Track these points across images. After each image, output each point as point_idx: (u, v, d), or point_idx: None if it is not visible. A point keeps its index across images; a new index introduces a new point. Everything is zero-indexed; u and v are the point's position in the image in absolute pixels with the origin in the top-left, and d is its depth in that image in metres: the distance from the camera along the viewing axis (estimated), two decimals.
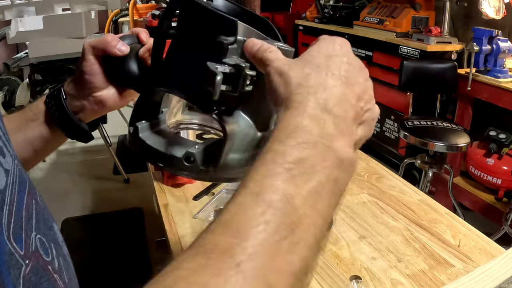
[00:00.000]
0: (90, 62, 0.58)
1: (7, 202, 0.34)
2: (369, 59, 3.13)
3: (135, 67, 0.55)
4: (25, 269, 0.32)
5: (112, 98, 0.59)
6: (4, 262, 0.30)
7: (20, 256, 0.32)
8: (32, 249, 0.34)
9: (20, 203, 0.36)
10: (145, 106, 0.50)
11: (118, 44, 0.56)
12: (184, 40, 0.43)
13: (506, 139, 2.19)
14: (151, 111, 0.50)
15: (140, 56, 0.56)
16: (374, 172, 1.09)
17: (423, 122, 2.26)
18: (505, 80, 2.15)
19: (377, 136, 3.23)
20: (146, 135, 0.46)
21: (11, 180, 0.36)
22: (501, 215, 2.12)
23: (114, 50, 0.56)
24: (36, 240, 0.36)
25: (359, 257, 0.76)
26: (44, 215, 0.41)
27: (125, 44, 0.57)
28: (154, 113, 0.50)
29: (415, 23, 2.86)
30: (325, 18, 3.59)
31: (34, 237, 0.36)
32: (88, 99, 0.59)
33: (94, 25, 1.58)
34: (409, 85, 2.51)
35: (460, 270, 0.73)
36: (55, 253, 0.39)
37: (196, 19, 0.42)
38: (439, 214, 0.90)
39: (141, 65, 0.55)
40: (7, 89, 3.56)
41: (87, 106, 0.60)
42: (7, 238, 0.31)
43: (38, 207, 0.40)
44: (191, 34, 0.43)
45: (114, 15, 3.73)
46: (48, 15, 1.41)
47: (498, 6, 2.34)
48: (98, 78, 0.58)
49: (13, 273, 0.30)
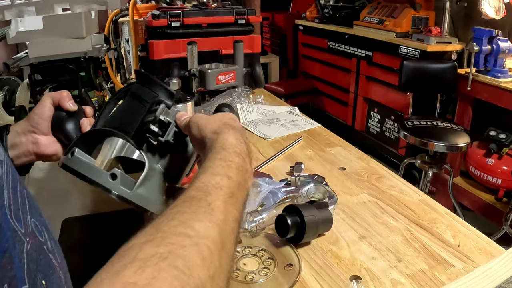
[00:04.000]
0: (45, 108, 0.70)
1: (5, 187, 0.36)
2: (369, 59, 3.13)
3: (73, 128, 0.70)
4: (27, 245, 0.35)
5: (47, 145, 0.70)
6: (11, 237, 0.33)
7: (22, 234, 0.35)
8: (29, 230, 0.38)
9: (15, 190, 0.39)
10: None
11: (70, 101, 0.70)
12: (134, 98, 0.62)
13: (506, 139, 2.19)
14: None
15: (80, 123, 0.70)
16: (374, 172, 1.09)
17: (423, 122, 2.26)
18: (505, 80, 2.15)
19: (377, 136, 3.23)
20: (80, 155, 0.56)
21: (5, 170, 0.39)
22: (501, 215, 2.12)
23: (66, 104, 0.70)
24: (31, 223, 0.39)
25: (359, 257, 0.76)
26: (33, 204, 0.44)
27: (75, 104, 0.71)
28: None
29: (415, 23, 2.86)
30: (325, 18, 3.59)
31: (30, 220, 0.39)
32: (27, 136, 0.69)
33: (94, 25, 1.57)
34: (409, 85, 2.51)
35: (460, 270, 0.72)
36: (47, 236, 0.42)
37: (148, 87, 0.63)
38: (439, 214, 0.90)
39: (78, 130, 0.70)
40: (7, 89, 3.55)
41: (23, 143, 0.69)
42: (9, 217, 0.35)
43: (28, 196, 0.43)
44: (140, 96, 0.62)
45: (114, 15, 3.72)
46: (48, 15, 1.41)
47: (498, 6, 2.34)
48: (44, 123, 0.70)
49: (18, 247, 0.34)
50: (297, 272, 0.71)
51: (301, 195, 0.90)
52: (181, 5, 2.21)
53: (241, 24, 1.90)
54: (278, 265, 0.73)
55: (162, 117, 0.59)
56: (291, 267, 0.72)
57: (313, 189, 0.93)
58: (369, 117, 3.32)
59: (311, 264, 0.74)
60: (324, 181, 1.02)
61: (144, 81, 0.63)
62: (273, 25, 4.49)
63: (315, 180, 1.01)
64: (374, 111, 3.25)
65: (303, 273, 0.71)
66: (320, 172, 1.08)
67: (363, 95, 3.31)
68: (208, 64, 1.60)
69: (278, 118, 1.50)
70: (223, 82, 1.55)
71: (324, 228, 0.80)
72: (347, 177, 1.07)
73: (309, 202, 0.84)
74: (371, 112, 3.29)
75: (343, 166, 1.13)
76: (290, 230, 0.75)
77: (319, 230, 0.79)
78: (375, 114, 3.25)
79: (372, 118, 3.28)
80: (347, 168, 1.12)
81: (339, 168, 1.12)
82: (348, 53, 3.35)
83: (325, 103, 3.86)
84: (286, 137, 1.34)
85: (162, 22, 1.77)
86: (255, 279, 0.70)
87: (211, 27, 1.81)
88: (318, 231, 0.79)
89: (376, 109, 3.22)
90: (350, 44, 3.32)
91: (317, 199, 0.89)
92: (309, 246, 0.79)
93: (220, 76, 1.54)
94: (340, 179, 1.06)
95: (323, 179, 1.02)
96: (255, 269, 0.72)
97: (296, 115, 1.55)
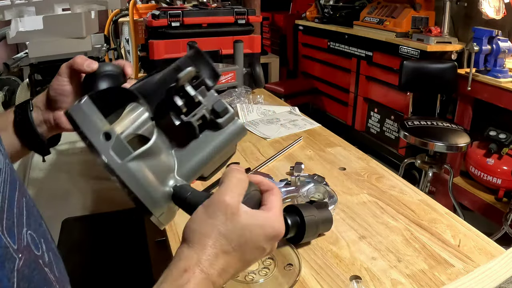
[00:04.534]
0: (63, 82, 0.64)
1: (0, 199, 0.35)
2: (369, 59, 3.13)
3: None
4: (19, 262, 0.34)
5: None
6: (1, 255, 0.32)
7: (14, 250, 0.34)
8: (24, 244, 0.36)
9: (11, 200, 0.37)
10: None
11: (86, 62, 0.62)
12: (175, 71, 0.50)
13: (506, 139, 2.19)
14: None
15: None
16: (374, 172, 1.09)
17: (423, 122, 2.26)
18: (505, 80, 2.15)
19: (377, 136, 3.23)
20: (87, 105, 0.47)
21: (3, 178, 0.37)
22: (501, 215, 2.12)
23: (83, 68, 0.62)
24: (27, 236, 0.37)
25: (359, 257, 0.76)
26: (33, 212, 0.42)
27: (94, 62, 0.62)
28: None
29: (415, 23, 2.86)
30: (325, 18, 3.59)
31: (25, 233, 0.37)
32: (51, 115, 0.65)
33: (94, 25, 1.58)
34: (409, 85, 2.51)
35: (460, 270, 0.73)
36: (45, 248, 0.40)
37: (193, 61, 0.51)
38: (439, 214, 0.90)
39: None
40: (7, 89, 3.55)
41: (49, 121, 0.65)
42: (1, 233, 0.33)
43: (27, 205, 0.41)
44: (181, 68, 0.49)
45: (114, 15, 3.72)
46: (48, 15, 1.41)
47: (498, 6, 2.34)
48: (64, 99, 0.64)
49: (8, 266, 0.32)
50: (297, 272, 0.71)
51: (301, 195, 0.90)
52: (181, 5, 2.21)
53: (241, 24, 1.90)
54: (278, 265, 0.73)
55: (192, 92, 0.48)
56: (291, 267, 0.72)
57: (313, 189, 0.93)
58: (369, 117, 3.32)
59: (311, 264, 0.74)
60: (324, 181, 1.02)
61: (192, 56, 0.52)
62: (273, 25, 4.49)
63: (315, 180, 1.01)
64: (374, 111, 3.25)
65: (303, 273, 0.71)
66: (320, 172, 1.08)
67: (363, 95, 3.31)
68: None
69: (278, 118, 1.50)
70: (223, 82, 1.56)
71: (324, 228, 0.80)
72: (347, 177, 1.07)
73: (309, 202, 0.84)
74: (371, 112, 3.29)
75: (343, 166, 1.13)
76: (290, 230, 0.75)
77: (319, 230, 0.79)
78: (375, 114, 3.25)
79: (372, 118, 3.28)
80: (347, 168, 1.12)
81: (339, 168, 1.12)
82: (348, 53, 3.35)
83: (325, 103, 3.86)
84: (286, 137, 1.34)
85: (162, 22, 1.77)
86: (255, 279, 0.70)
87: (211, 27, 1.82)
88: (318, 231, 0.79)
89: (376, 109, 3.22)
90: (350, 44, 3.32)
91: (317, 199, 0.89)
92: (309, 246, 0.79)
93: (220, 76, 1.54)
94: (340, 179, 1.06)
95: (323, 179, 1.02)
96: (255, 269, 0.72)
97: (296, 115, 1.55)
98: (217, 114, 0.49)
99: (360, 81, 3.30)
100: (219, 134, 0.50)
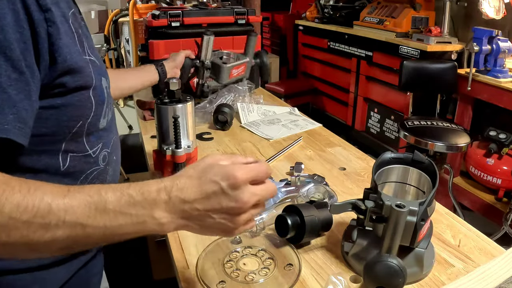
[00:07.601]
0: (181, 58, 1.41)
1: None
2: (369, 59, 3.13)
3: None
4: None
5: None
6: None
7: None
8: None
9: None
10: None
11: (190, 54, 1.46)
12: None
13: (506, 139, 2.19)
14: None
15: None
16: None
17: (423, 122, 2.26)
18: (505, 80, 2.15)
19: (377, 136, 3.23)
20: None
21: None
22: (501, 215, 2.12)
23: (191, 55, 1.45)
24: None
25: None
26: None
27: (192, 54, 1.47)
28: None
29: (415, 23, 2.86)
30: (325, 18, 3.59)
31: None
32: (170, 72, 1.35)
33: (94, 25, 1.58)
34: (409, 85, 2.51)
35: (460, 270, 0.73)
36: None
37: None
38: (439, 214, 0.90)
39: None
40: None
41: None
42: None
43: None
44: None
45: (114, 15, 3.73)
46: None
47: (498, 6, 2.34)
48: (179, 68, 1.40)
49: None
50: (297, 272, 0.71)
51: (301, 195, 0.90)
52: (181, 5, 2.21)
53: (241, 24, 1.90)
54: (278, 265, 0.73)
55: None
56: (291, 267, 0.73)
57: (313, 189, 0.93)
58: (369, 117, 3.32)
59: (311, 264, 0.74)
60: (324, 181, 1.02)
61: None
62: (273, 25, 4.49)
63: (315, 180, 1.01)
64: (374, 111, 3.25)
65: (303, 273, 0.71)
66: (320, 172, 1.08)
67: (363, 95, 3.31)
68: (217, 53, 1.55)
69: (279, 119, 1.50)
70: (235, 75, 1.56)
71: (324, 228, 0.80)
72: (347, 177, 1.07)
73: (309, 202, 0.84)
74: (371, 112, 3.29)
75: (343, 166, 1.13)
76: (290, 230, 0.75)
77: (319, 230, 0.79)
78: (375, 114, 3.25)
79: (372, 118, 3.28)
80: (347, 168, 1.12)
81: (339, 168, 1.12)
82: (348, 53, 3.36)
83: (325, 103, 3.86)
84: (287, 137, 1.34)
85: (162, 22, 1.77)
86: (255, 279, 0.70)
87: (211, 27, 1.82)
88: (318, 231, 0.79)
89: (376, 109, 3.22)
90: (350, 44, 3.32)
91: (317, 199, 0.89)
92: (309, 246, 0.79)
93: (233, 70, 1.54)
94: (340, 179, 1.06)
95: (323, 179, 1.03)
96: (255, 269, 0.72)
97: (296, 115, 1.55)
98: None
99: (360, 81, 3.30)
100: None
